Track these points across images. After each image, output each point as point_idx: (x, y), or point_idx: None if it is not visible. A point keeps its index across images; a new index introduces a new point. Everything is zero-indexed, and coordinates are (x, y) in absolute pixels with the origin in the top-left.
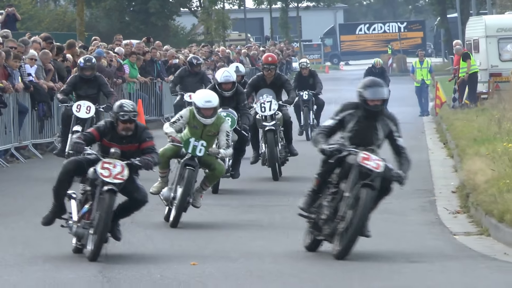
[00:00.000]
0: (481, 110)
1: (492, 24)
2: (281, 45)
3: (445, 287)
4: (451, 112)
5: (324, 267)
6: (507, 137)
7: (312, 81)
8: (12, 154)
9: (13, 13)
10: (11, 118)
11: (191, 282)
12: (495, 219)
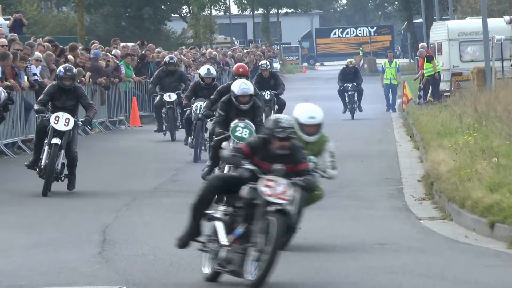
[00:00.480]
0: (444, 106)
1: (454, 29)
2: (262, 48)
3: (410, 266)
4: (417, 108)
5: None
6: (467, 131)
7: (274, 82)
8: (19, 146)
9: (20, 19)
10: (18, 114)
11: (181, 262)
12: (456, 205)
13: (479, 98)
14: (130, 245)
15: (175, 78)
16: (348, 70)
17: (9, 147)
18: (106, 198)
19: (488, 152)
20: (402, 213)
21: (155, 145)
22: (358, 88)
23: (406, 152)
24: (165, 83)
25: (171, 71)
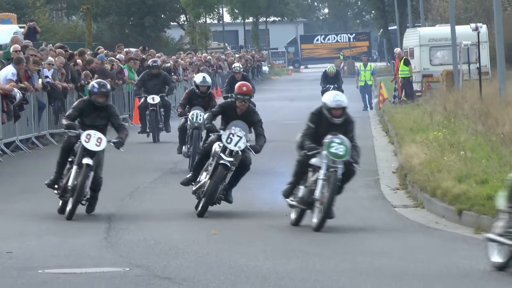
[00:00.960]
0: (416, 105)
1: (425, 35)
2: (252, 53)
3: (386, 248)
4: (392, 107)
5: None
6: (437, 127)
7: None
8: (33, 142)
9: (34, 27)
10: (32, 112)
11: (179, 246)
12: (428, 195)
13: (448, 98)
14: (133, 231)
15: (159, 81)
16: (329, 73)
17: (24, 143)
18: (111, 189)
19: (456, 146)
20: (378, 201)
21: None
22: (339, 89)
23: (382, 146)
24: (149, 85)
25: (155, 74)
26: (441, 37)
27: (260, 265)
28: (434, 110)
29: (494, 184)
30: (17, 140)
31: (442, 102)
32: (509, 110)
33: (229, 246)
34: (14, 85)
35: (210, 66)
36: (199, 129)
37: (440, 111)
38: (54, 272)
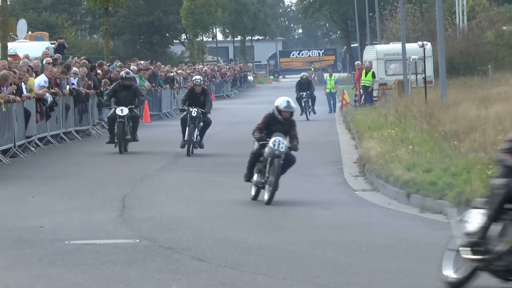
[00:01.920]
0: (374, 108)
1: (381, 51)
2: (240, 65)
3: (348, 225)
4: (353, 109)
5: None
6: (390, 126)
7: (203, 99)
8: (61, 137)
9: (63, 43)
10: (60, 113)
11: (181, 222)
12: (382, 181)
13: (399, 102)
14: (142, 210)
15: (130, 93)
16: (302, 81)
17: (54, 138)
18: (124, 175)
19: (405, 141)
20: (342, 186)
21: (161, 135)
22: (311, 96)
23: (345, 141)
24: (120, 96)
25: (127, 85)
26: (394, 53)
27: (245, 238)
28: (388, 112)
29: (436, 172)
30: (48, 135)
31: (394, 106)
32: (449, 112)
33: (220, 222)
34: (46, 91)
35: (206, 76)
36: (280, 158)
37: (392, 113)
38: (78, 243)
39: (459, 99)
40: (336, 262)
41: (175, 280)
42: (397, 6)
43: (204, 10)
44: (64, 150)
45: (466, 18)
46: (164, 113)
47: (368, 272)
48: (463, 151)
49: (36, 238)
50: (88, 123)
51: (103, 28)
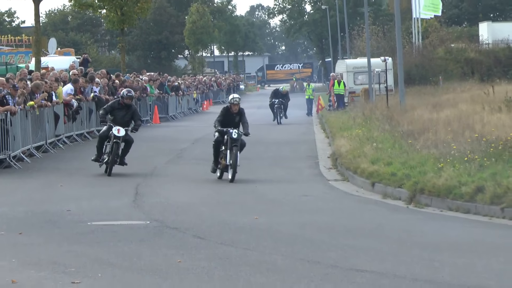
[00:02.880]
0: (344, 112)
1: (350, 64)
2: (233, 76)
3: (322, 208)
4: (328, 113)
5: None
6: (358, 127)
7: (239, 120)
8: (85, 135)
9: (87, 58)
10: (84, 116)
11: (184, 207)
12: (351, 172)
13: (365, 107)
14: (152, 197)
15: (128, 114)
16: (278, 92)
17: (79, 136)
18: (137, 167)
19: (370, 139)
20: (317, 177)
21: (166, 134)
22: (283, 103)
23: (320, 139)
24: (118, 115)
25: (126, 104)
26: (361, 66)
27: (237, 220)
28: (356, 115)
29: (396, 165)
30: (74, 134)
31: (361, 110)
32: (406, 115)
33: (217, 207)
34: (72, 97)
35: (205, 85)
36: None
37: (360, 116)
38: (98, 224)
39: (414, 105)
40: (313, 240)
41: (179, 255)
42: (363, 27)
43: (204, 30)
44: (87, 146)
45: (421, 37)
46: (170, 115)
47: (340, 248)
48: (418, 148)
49: (64, 220)
50: None
51: (120, 45)
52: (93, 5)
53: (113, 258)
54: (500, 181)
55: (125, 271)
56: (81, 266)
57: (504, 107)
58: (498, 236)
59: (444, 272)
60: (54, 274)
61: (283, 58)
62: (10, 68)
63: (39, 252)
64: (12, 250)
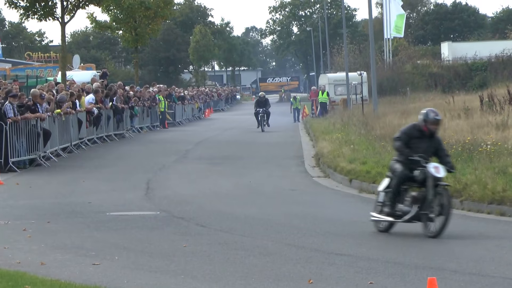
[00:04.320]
0: (326, 118)
1: (331, 77)
2: (231, 88)
3: (307, 201)
4: (311, 119)
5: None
6: (337, 131)
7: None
8: (104, 138)
9: (106, 72)
10: (104, 121)
11: (188, 199)
12: (332, 170)
13: (343, 114)
14: (162, 190)
15: (433, 145)
16: (260, 100)
17: (99, 139)
18: (148, 165)
19: (348, 142)
20: (303, 174)
21: (175, 137)
22: (266, 111)
23: (305, 142)
24: (419, 147)
25: (431, 132)
26: (340, 79)
27: (234, 210)
28: (336, 121)
29: (370, 164)
30: (95, 137)
31: (340, 117)
32: (379, 121)
33: (216, 199)
34: (93, 106)
35: (207, 95)
36: None
37: (339, 122)
38: (115, 214)
39: (386, 112)
40: (299, 227)
41: (185, 240)
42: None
43: (206, 48)
44: (106, 148)
45: (391, 55)
46: (177, 121)
47: (322, 235)
48: (389, 149)
49: (85, 211)
50: (123, 129)
51: (134, 61)
52: (111, 26)
53: (127, 243)
54: (459, 178)
55: (138, 254)
56: (100, 250)
57: (463, 114)
58: (457, 225)
59: (411, 255)
60: (77, 257)
61: (273, 72)
62: (40, 80)
63: (64, 238)
64: (41, 236)
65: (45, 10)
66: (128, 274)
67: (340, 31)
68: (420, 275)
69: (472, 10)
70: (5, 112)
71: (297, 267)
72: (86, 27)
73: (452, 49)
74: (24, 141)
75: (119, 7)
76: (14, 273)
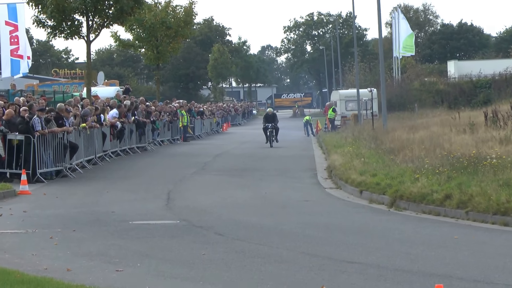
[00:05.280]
0: (337, 133)
1: (343, 94)
2: (247, 103)
3: (320, 211)
4: (324, 133)
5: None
6: (349, 145)
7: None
8: (127, 151)
9: (128, 88)
10: (127, 135)
11: (207, 209)
12: (343, 182)
13: (354, 129)
14: (182, 201)
15: None
16: (268, 116)
17: (122, 151)
18: (169, 177)
19: (359, 155)
20: (316, 185)
21: (194, 150)
22: (275, 127)
23: (318, 155)
24: None
25: None
26: (351, 95)
27: (251, 220)
28: (347, 135)
29: (380, 176)
30: (119, 150)
31: (351, 131)
32: (388, 136)
33: (234, 209)
34: (116, 120)
35: (224, 110)
36: None
37: (350, 136)
38: (137, 223)
39: (395, 127)
40: (312, 236)
41: (203, 248)
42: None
43: (223, 66)
44: (128, 160)
45: (400, 73)
46: (196, 135)
47: (334, 244)
48: (398, 162)
49: (109, 219)
50: (145, 142)
51: (155, 78)
52: (134, 45)
53: (149, 251)
54: (465, 190)
55: (159, 261)
56: (123, 257)
57: (468, 129)
58: (463, 234)
59: (418, 263)
60: (101, 264)
61: (288, 88)
62: (66, 96)
63: (89, 245)
64: (67, 244)
65: (72, 29)
66: (150, 280)
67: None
68: (428, 283)
69: (477, 30)
70: (33, 125)
71: (310, 274)
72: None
73: (458, 67)
74: (51, 153)
75: (142, 27)
76: (41, 279)
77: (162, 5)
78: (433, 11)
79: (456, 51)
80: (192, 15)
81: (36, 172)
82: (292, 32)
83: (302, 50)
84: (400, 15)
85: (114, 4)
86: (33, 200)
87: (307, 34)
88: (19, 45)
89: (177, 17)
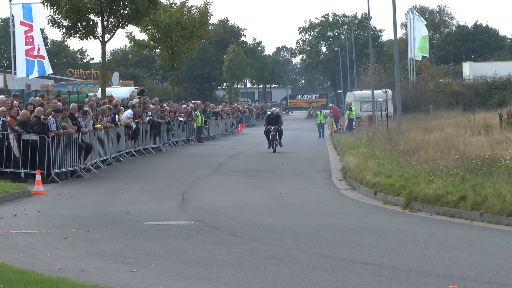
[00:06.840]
0: (352, 134)
1: (357, 95)
2: (262, 104)
3: (334, 212)
4: (339, 134)
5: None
6: (363, 146)
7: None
8: (141, 151)
9: (143, 88)
10: (141, 135)
11: (221, 210)
12: (358, 183)
13: (369, 130)
14: (196, 201)
15: None
16: (271, 116)
17: (136, 152)
18: (183, 177)
19: (373, 156)
20: (330, 186)
21: (209, 151)
22: (278, 129)
23: (333, 156)
24: None
25: None
26: (366, 96)
27: (265, 221)
28: (362, 137)
29: (394, 177)
30: (133, 150)
31: (366, 132)
32: (403, 137)
33: (248, 210)
34: (131, 120)
35: (239, 111)
36: None
37: (365, 137)
38: (152, 223)
39: (410, 128)
40: (326, 238)
41: (218, 249)
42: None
43: (239, 67)
44: (143, 160)
45: (415, 74)
46: (211, 135)
47: (348, 245)
48: (412, 163)
49: (124, 220)
50: (160, 142)
51: (170, 78)
52: (149, 45)
53: (163, 251)
54: (479, 191)
55: (173, 262)
56: (137, 257)
57: (483, 131)
58: (477, 236)
59: (433, 264)
60: (115, 264)
61: (302, 89)
62: (81, 96)
63: (103, 246)
64: (81, 244)
65: (87, 29)
66: (164, 280)
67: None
68: (442, 284)
69: (492, 32)
70: (49, 125)
71: (324, 275)
72: (125, 46)
73: (473, 69)
74: (66, 153)
75: (157, 27)
76: (56, 279)
77: (177, 6)
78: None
79: (471, 52)
80: (207, 15)
81: (51, 172)
82: (307, 33)
83: (317, 51)
84: (415, 17)
85: (129, 4)
86: (47, 200)
87: (322, 35)
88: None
89: (192, 17)
